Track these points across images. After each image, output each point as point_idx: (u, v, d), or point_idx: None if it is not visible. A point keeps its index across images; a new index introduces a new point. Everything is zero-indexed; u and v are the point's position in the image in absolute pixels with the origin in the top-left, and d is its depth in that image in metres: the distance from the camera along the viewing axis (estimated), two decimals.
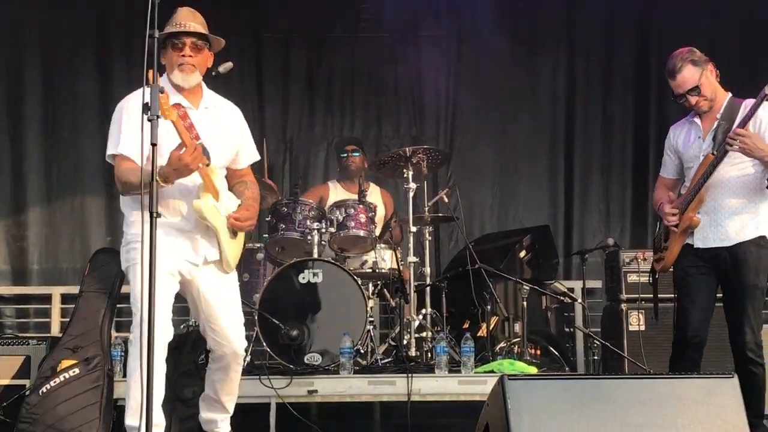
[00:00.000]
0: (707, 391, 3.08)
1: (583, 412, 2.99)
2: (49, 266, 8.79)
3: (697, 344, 5.19)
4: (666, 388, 3.14)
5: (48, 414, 5.64)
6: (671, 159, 5.54)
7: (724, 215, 5.15)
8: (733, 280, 5.15)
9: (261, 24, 8.95)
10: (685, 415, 3.03)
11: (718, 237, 5.16)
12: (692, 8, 8.69)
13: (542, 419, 2.92)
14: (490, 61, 8.81)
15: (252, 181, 4.98)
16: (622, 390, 3.11)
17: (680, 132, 5.48)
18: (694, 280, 5.25)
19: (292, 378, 5.94)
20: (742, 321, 5.05)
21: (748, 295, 5.08)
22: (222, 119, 4.77)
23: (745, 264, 5.09)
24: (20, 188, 8.83)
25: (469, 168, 8.87)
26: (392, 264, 6.82)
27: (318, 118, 9.05)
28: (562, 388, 3.08)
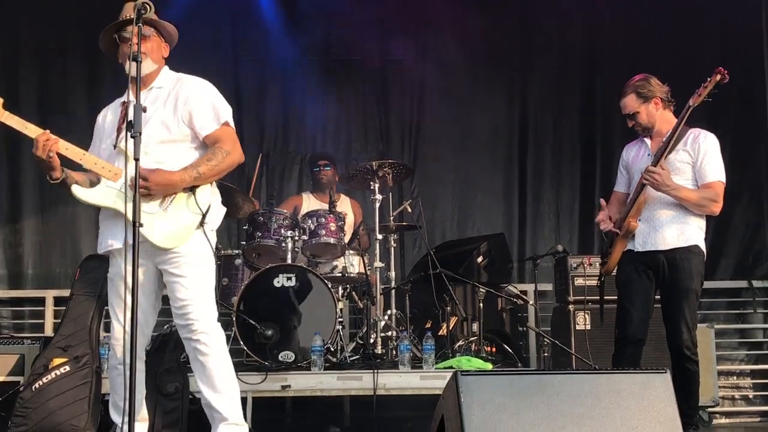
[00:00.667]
0: (642, 384, 3.11)
1: (530, 405, 3.00)
2: (42, 271, 8.74)
3: (637, 342, 5.25)
4: (605, 382, 3.17)
5: (40, 408, 5.61)
6: (623, 175, 5.62)
7: (660, 223, 5.23)
8: (670, 284, 5.20)
9: (239, 46, 8.93)
10: (622, 407, 3.05)
11: (655, 242, 5.23)
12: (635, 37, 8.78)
13: (492, 411, 2.93)
14: (450, 84, 8.85)
15: (219, 147, 4.33)
16: (566, 384, 3.13)
17: (632, 149, 5.58)
18: (634, 284, 5.30)
19: (267, 374, 5.92)
20: (679, 322, 5.11)
21: (685, 298, 5.14)
22: (172, 95, 4.35)
23: (681, 269, 5.15)
24: (16, 199, 8.79)
25: (431, 181, 8.89)
26: (360, 269, 6.85)
27: (291, 134, 9.05)
28: (511, 383, 3.10)
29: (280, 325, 6.24)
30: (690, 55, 8.46)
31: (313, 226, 6.67)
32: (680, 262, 5.16)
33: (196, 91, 4.38)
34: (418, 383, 6.00)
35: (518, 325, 7.93)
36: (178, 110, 4.31)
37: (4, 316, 8.64)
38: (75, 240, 8.50)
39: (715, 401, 7.54)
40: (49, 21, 8.67)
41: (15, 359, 6.08)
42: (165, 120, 4.27)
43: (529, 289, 8.07)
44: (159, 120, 4.25)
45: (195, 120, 4.31)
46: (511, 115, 9.04)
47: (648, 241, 5.25)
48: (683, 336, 5.09)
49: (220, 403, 4.23)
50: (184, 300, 4.22)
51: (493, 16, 8.86)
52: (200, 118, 4.32)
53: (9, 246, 8.76)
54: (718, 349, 7.94)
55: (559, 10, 8.94)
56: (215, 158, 4.28)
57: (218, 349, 4.27)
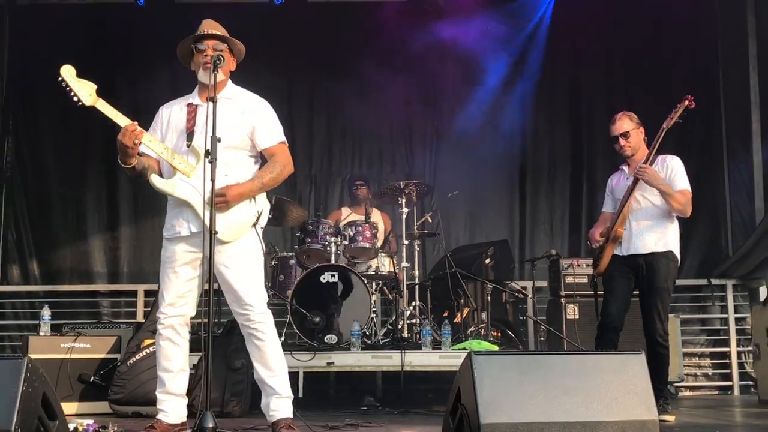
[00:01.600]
0: (621, 363, 3.11)
1: (530, 379, 3.01)
2: (135, 269, 8.81)
3: (615, 329, 5.23)
4: (591, 361, 3.16)
5: (134, 379, 5.69)
6: (609, 198, 5.59)
7: (641, 231, 5.22)
8: (647, 283, 5.19)
9: (292, 84, 8.94)
10: (605, 381, 3.04)
11: (637, 247, 5.21)
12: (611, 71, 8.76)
13: (499, 384, 2.94)
14: (463, 117, 8.84)
15: (276, 161, 4.15)
16: (558, 363, 3.13)
17: (615, 178, 5.56)
18: (617, 281, 5.29)
19: (315, 353, 5.98)
20: (654, 315, 5.11)
21: (659, 296, 5.14)
22: (238, 107, 4.12)
23: (657, 272, 5.15)
24: (114, 213, 8.87)
25: (447, 196, 8.90)
26: (390, 268, 6.86)
27: (335, 158, 9.06)
28: (514, 361, 3.11)
29: (325, 313, 6.28)
30: (658, 86, 8.43)
31: (351, 234, 6.71)
32: (656, 265, 5.15)
33: (261, 109, 4.21)
34: (438, 361, 6.05)
35: (519, 314, 7.94)
36: (242, 122, 4.12)
37: (105, 305, 8.71)
38: (160, 244, 8.55)
39: (680, 377, 7.52)
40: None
41: (113, 340, 6.10)
42: (231, 128, 4.01)
43: (528, 285, 8.05)
44: (226, 126, 3.93)
45: (257, 134, 4.14)
46: (513, 143, 9.00)
47: (631, 246, 5.24)
48: (656, 326, 5.10)
49: (273, 380, 4.06)
50: (240, 291, 4.01)
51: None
52: (262, 133, 4.15)
53: (109, 250, 8.85)
54: (683, 335, 7.91)
55: (549, 52, 8.95)
56: (275, 170, 4.12)
57: (271, 335, 4.07)
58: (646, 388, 3.03)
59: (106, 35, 8.68)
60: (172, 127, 4.16)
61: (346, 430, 4.64)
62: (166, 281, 4.07)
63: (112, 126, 3.97)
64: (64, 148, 8.88)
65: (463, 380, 3.08)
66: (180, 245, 4.05)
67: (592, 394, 2.97)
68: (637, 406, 2.97)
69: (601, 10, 8.65)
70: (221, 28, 4.18)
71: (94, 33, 8.63)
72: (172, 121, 4.17)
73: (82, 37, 8.52)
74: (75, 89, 3.85)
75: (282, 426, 3.94)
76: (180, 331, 4.05)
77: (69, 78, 3.85)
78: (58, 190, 8.88)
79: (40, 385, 2.97)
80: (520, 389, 2.96)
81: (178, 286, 4.03)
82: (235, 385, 5.65)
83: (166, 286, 4.06)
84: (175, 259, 4.04)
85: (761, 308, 7.12)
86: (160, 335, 4.06)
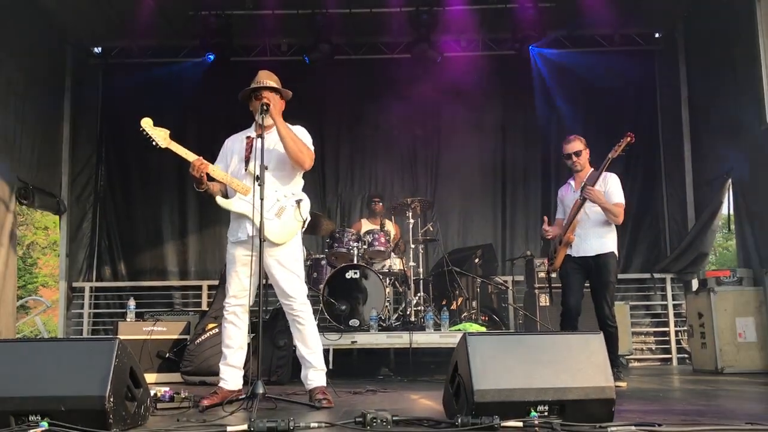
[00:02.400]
0: (584, 341, 3.08)
1: (512, 354, 2.98)
2: (200, 269, 8.87)
3: (575, 315, 5.17)
4: (561, 340, 3.14)
5: (200, 355, 5.72)
6: (560, 207, 5.54)
7: (588, 237, 5.17)
8: (596, 278, 5.14)
9: (323, 124, 8.86)
10: (572, 355, 3.01)
11: (585, 250, 5.17)
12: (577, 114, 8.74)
13: (488, 358, 2.93)
14: (456, 148, 8.87)
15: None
16: (535, 341, 3.11)
17: (563, 190, 5.52)
18: (572, 278, 5.22)
19: (341, 334, 6.00)
20: (603, 303, 5.06)
21: (606, 288, 5.09)
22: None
23: (605, 268, 5.11)
24: (183, 224, 8.94)
25: (445, 209, 8.88)
26: (400, 267, 6.89)
27: (356, 180, 9.07)
28: (499, 340, 3.09)
29: (350, 302, 6.31)
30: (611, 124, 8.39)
31: (370, 240, 6.74)
32: (602, 264, 5.11)
33: (298, 133, 4.05)
34: (438, 340, 6.05)
35: (502, 303, 7.93)
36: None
37: (177, 297, 8.77)
38: (221, 249, 8.49)
39: (630, 352, 7.51)
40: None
41: (184, 324, 6.14)
42: (278, 156, 4.01)
43: (509, 279, 8.09)
44: (274, 156, 3.98)
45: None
46: (495, 164, 8.99)
47: (580, 249, 5.18)
48: (605, 311, 5.04)
49: (311, 356, 4.02)
50: (287, 285, 3.98)
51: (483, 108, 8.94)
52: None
53: (179, 253, 8.92)
54: (632, 318, 7.91)
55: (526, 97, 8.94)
56: (302, 143, 4.01)
57: (310, 320, 4.04)
58: (604, 361, 3.00)
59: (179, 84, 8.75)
60: (234, 155, 4.16)
61: (367, 394, 4.62)
62: (229, 278, 4.07)
63: (182, 159, 4.00)
64: (145, 174, 8.96)
65: (459, 355, 3.07)
66: (239, 249, 4.02)
67: (561, 366, 2.95)
68: (597, 375, 2.94)
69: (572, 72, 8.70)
70: (274, 77, 4.13)
71: (169, 82, 8.70)
72: (235, 150, 4.17)
73: (160, 86, 8.58)
74: (153, 135, 3.90)
75: (318, 392, 3.92)
76: (241, 316, 4.04)
77: (147, 127, 3.90)
78: (140, 207, 8.97)
79: (128, 361, 2.98)
80: (505, 362, 2.94)
81: (238, 282, 4.03)
82: (279, 360, 5.66)
83: (230, 282, 4.06)
84: (236, 260, 4.03)
85: (694, 296, 7.09)
86: (225, 319, 4.05)
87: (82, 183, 8.81)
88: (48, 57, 8.14)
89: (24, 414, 2.76)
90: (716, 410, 3.64)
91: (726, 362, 6.48)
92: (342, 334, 5.99)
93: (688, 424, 2.85)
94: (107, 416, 2.71)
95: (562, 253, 5.25)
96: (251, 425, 2.75)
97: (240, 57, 8.64)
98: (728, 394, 4.70)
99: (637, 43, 8.87)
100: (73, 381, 2.78)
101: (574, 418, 2.81)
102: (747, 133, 6.96)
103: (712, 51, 7.81)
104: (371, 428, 2.80)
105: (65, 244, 8.60)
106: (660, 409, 3.71)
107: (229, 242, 4.12)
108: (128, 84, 8.67)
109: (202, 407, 3.68)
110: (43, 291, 21.24)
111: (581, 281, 5.25)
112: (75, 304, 8.62)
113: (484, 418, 2.74)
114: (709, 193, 7.97)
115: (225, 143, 4.28)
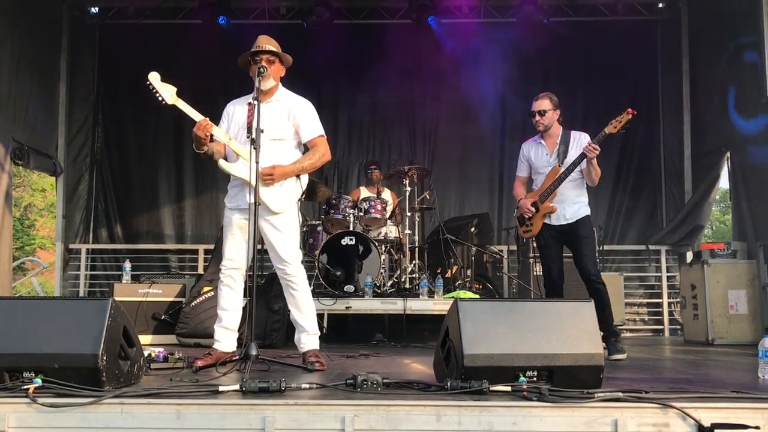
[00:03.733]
0: (575, 308, 3.08)
1: (503, 321, 2.98)
2: (197, 233, 8.89)
3: (559, 284, 5.07)
4: (551, 307, 3.13)
5: (195, 317, 5.76)
6: (524, 165, 5.27)
7: (566, 204, 4.99)
8: (575, 239, 4.98)
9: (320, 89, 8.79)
10: (563, 322, 3.01)
11: (563, 216, 5.00)
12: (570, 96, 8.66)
13: (479, 324, 2.93)
14: (457, 117, 8.83)
15: (316, 150, 4.08)
16: (526, 308, 3.10)
17: (531, 148, 5.22)
18: (553, 249, 5.08)
19: (336, 299, 6.03)
20: (585, 260, 4.91)
21: (586, 244, 4.94)
22: (285, 107, 4.06)
23: (583, 227, 4.96)
24: (180, 187, 8.94)
25: (442, 178, 8.84)
26: (396, 234, 6.89)
27: (354, 148, 9.04)
28: (491, 307, 3.09)
29: (345, 268, 6.30)
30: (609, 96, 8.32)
31: (366, 207, 6.72)
32: (580, 225, 4.97)
33: (304, 108, 4.12)
34: (432, 306, 6.08)
35: (497, 271, 7.96)
36: (290, 119, 4.05)
37: (173, 260, 8.82)
38: (218, 213, 8.53)
39: (623, 322, 7.53)
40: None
41: (179, 287, 6.18)
42: (279, 124, 4.01)
43: (504, 249, 8.11)
44: (275, 122, 3.98)
45: (302, 128, 4.07)
46: (493, 139, 8.94)
47: (560, 216, 5.00)
48: (590, 270, 4.88)
49: (303, 320, 4.06)
50: (282, 250, 3.99)
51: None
52: (305, 128, 4.07)
53: (176, 217, 8.93)
54: (626, 289, 7.91)
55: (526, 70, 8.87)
56: (314, 158, 4.05)
57: (303, 285, 4.06)
58: (593, 329, 3.01)
59: (176, 47, 8.60)
60: (235, 120, 4.13)
61: (360, 359, 4.66)
62: (226, 241, 4.08)
63: (179, 120, 3.95)
64: (142, 136, 8.93)
65: (450, 320, 3.08)
66: (236, 214, 4.02)
67: (551, 333, 2.95)
68: (587, 342, 2.96)
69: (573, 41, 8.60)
70: (274, 42, 4.10)
71: (166, 45, 8.58)
72: (236, 116, 4.14)
73: (157, 47, 8.47)
74: (160, 91, 3.83)
75: (310, 355, 3.95)
76: (237, 279, 4.05)
77: (155, 81, 3.83)
78: (137, 169, 8.96)
79: (121, 320, 2.99)
80: (495, 328, 2.94)
81: (235, 245, 4.03)
82: (273, 323, 5.71)
83: (226, 245, 4.07)
84: (232, 224, 4.03)
85: (688, 268, 7.12)
86: (221, 281, 4.06)
87: (78, 144, 8.77)
88: (44, 16, 8.02)
89: (18, 370, 2.79)
90: (704, 379, 3.68)
91: (717, 333, 6.55)
92: (337, 299, 6.02)
93: (675, 391, 2.88)
94: (100, 374, 2.74)
95: (539, 222, 5.08)
96: (243, 385, 2.77)
97: (238, 20, 8.54)
98: (717, 364, 4.75)
99: (639, 13, 8.77)
100: (66, 339, 2.80)
101: (563, 384, 2.83)
102: (747, 106, 6.93)
103: (714, 21, 7.73)
104: (362, 390, 2.83)
105: (62, 205, 8.60)
106: (649, 377, 3.75)
107: (227, 207, 4.12)
108: (125, 45, 8.58)
109: (195, 368, 3.72)
110: (40, 252, 21.29)
111: (560, 249, 5.11)
112: (72, 265, 8.66)
113: (473, 382, 2.77)
114: (707, 166, 7.96)
115: (227, 107, 4.24)
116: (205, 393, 2.73)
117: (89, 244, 8.74)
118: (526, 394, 2.70)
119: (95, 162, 8.87)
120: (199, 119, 3.88)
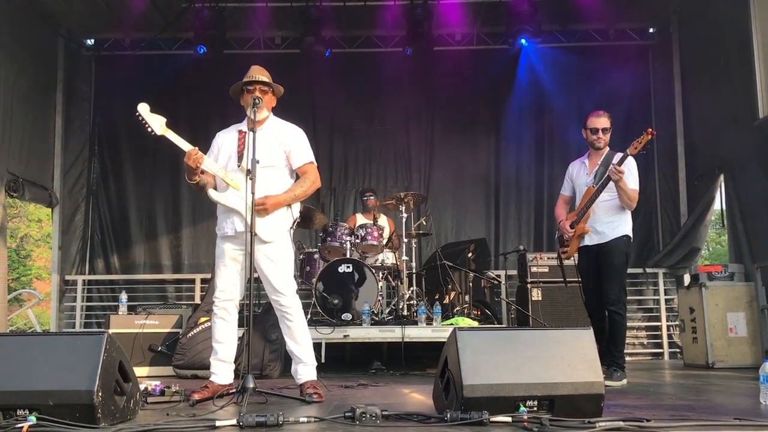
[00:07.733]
0: (575, 336, 3.07)
1: (502, 349, 2.97)
2: (194, 262, 8.82)
3: (600, 308, 4.97)
4: (551, 335, 3.13)
5: (192, 349, 5.71)
6: (568, 183, 5.32)
7: (596, 225, 5.01)
8: (600, 262, 4.97)
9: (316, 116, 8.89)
10: (561, 351, 3.00)
11: (594, 238, 5.01)
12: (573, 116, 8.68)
13: (478, 353, 2.92)
14: (453, 143, 8.86)
15: (307, 177, 4.07)
16: (525, 336, 3.10)
17: (575, 166, 5.30)
18: (588, 271, 5.06)
19: (334, 328, 5.99)
20: (606, 285, 4.89)
21: (610, 268, 4.91)
22: (276, 135, 4.06)
23: (613, 250, 4.93)
24: (177, 218, 8.91)
25: (438, 204, 8.87)
26: (393, 261, 6.86)
27: (350, 175, 9.04)
28: (490, 335, 3.08)
29: (343, 296, 6.25)
30: None
31: (363, 234, 6.70)
32: (611, 247, 4.93)
33: (295, 136, 4.13)
34: (430, 334, 6.03)
35: (495, 297, 7.89)
36: (280, 146, 4.05)
37: (170, 290, 8.75)
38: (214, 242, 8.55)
39: None
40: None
41: (176, 318, 6.12)
42: (271, 152, 3.99)
43: (502, 274, 8.07)
44: (267, 151, 3.94)
45: (292, 155, 4.06)
46: (489, 162, 8.98)
47: (594, 238, 5.01)
48: (609, 295, 4.85)
49: (300, 351, 4.02)
50: (276, 281, 3.95)
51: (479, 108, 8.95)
52: (295, 155, 4.07)
53: (173, 246, 8.89)
54: None
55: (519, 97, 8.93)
56: (305, 185, 4.04)
57: (298, 316, 4.01)
58: (593, 357, 3.00)
59: (172, 77, 8.65)
60: (224, 149, 4.13)
61: (358, 388, 4.62)
62: (218, 272, 4.06)
63: (176, 152, 3.95)
64: (138, 168, 8.93)
65: (449, 350, 3.06)
66: (228, 244, 4.02)
67: (551, 361, 2.94)
68: (587, 371, 2.94)
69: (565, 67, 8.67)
70: (266, 73, 4.11)
71: (162, 75, 8.61)
72: (225, 144, 4.14)
73: (153, 78, 8.51)
74: (149, 122, 3.82)
75: (308, 387, 3.92)
76: (231, 311, 4.03)
77: (144, 113, 3.82)
78: (133, 200, 8.93)
79: (117, 355, 2.96)
80: (495, 357, 2.93)
81: (227, 276, 4.01)
82: (271, 353, 5.66)
83: (219, 276, 4.05)
84: (225, 255, 4.02)
85: (686, 291, 7.10)
86: (215, 314, 4.04)
87: (74, 175, 8.77)
88: (39, 49, 8.08)
89: (12, 408, 2.75)
90: (705, 405, 3.65)
91: (717, 357, 6.50)
92: (334, 328, 5.98)
93: (677, 419, 2.85)
94: (96, 410, 2.70)
95: (575, 243, 5.10)
96: (240, 420, 2.74)
97: (233, 50, 8.60)
98: (718, 389, 4.71)
99: (631, 38, 8.87)
100: (61, 375, 2.77)
101: (563, 414, 2.81)
102: (739, 128, 6.97)
103: (705, 46, 7.81)
104: (360, 423, 2.80)
105: (57, 236, 8.58)
106: (650, 404, 3.71)
107: (218, 237, 4.11)
108: (121, 76, 8.62)
109: (192, 401, 3.68)
110: (37, 283, 21.18)
111: (597, 273, 5.05)
112: (67, 297, 8.59)
113: (473, 413, 2.74)
114: (702, 188, 7.98)
115: (216, 137, 4.25)
116: (201, 429, 2.70)
117: (85, 275, 8.68)
118: (527, 425, 2.67)
119: (91, 193, 8.86)
120: (188, 149, 3.88)
